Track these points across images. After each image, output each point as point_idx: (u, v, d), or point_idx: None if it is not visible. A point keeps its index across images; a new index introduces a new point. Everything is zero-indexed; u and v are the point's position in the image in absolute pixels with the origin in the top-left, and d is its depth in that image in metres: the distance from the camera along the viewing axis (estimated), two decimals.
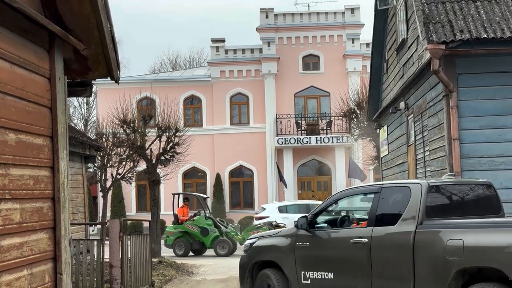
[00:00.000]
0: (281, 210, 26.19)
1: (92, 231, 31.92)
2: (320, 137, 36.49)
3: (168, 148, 23.03)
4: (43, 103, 5.39)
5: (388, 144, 18.42)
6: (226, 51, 39.05)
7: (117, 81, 6.39)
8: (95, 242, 11.91)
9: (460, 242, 7.01)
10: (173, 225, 23.98)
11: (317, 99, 38.50)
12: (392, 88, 17.00)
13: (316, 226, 9.20)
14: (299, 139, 36.60)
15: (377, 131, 21.33)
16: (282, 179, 35.13)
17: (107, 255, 11.54)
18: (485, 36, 11.23)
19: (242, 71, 38.61)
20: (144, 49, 79.84)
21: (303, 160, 37.69)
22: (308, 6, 40.60)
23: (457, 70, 11.65)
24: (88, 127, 51.81)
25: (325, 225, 9.41)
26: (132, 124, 23.23)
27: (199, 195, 26.26)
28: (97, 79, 6.40)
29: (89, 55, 5.93)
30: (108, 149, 25.41)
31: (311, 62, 38.57)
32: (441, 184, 8.25)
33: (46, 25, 5.15)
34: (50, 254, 5.45)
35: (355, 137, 30.61)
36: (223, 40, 39.67)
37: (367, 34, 48.77)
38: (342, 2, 47.07)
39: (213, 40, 39.76)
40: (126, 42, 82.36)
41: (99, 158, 24.12)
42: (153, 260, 15.41)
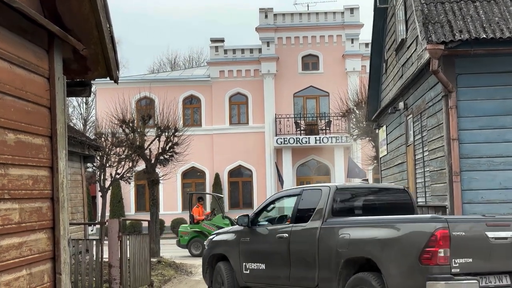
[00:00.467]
0: None
1: (91, 231, 31.88)
2: (319, 137, 36.49)
3: (167, 148, 22.99)
4: (42, 103, 5.38)
5: (387, 144, 18.41)
6: (226, 51, 39.04)
7: (116, 81, 6.39)
8: (94, 242, 11.92)
9: (348, 236, 8.30)
10: (187, 225, 23.88)
11: (316, 99, 38.50)
12: (391, 88, 16.99)
13: (258, 223, 10.45)
14: (298, 139, 36.60)
15: (376, 131, 21.32)
16: (280, 179, 35.13)
17: (106, 255, 11.54)
18: (485, 36, 11.22)
19: (241, 71, 38.60)
20: (143, 49, 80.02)
21: (302, 160, 37.70)
22: (308, 6, 40.68)
23: (456, 70, 11.63)
24: (87, 127, 51.80)
25: (266, 222, 10.55)
26: (131, 124, 23.17)
27: (215, 194, 26.29)
28: (96, 79, 6.40)
29: (88, 55, 5.93)
30: (107, 149, 25.32)
31: (310, 62, 38.57)
32: (348, 187, 9.74)
33: (45, 25, 5.14)
34: (49, 254, 5.44)
35: (354, 137, 30.57)
36: (222, 40, 39.66)
37: (366, 34, 48.87)
38: (342, 2, 47.01)
39: (212, 40, 39.75)
40: (125, 42, 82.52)
41: (98, 158, 24.03)
42: (152, 260, 15.40)
